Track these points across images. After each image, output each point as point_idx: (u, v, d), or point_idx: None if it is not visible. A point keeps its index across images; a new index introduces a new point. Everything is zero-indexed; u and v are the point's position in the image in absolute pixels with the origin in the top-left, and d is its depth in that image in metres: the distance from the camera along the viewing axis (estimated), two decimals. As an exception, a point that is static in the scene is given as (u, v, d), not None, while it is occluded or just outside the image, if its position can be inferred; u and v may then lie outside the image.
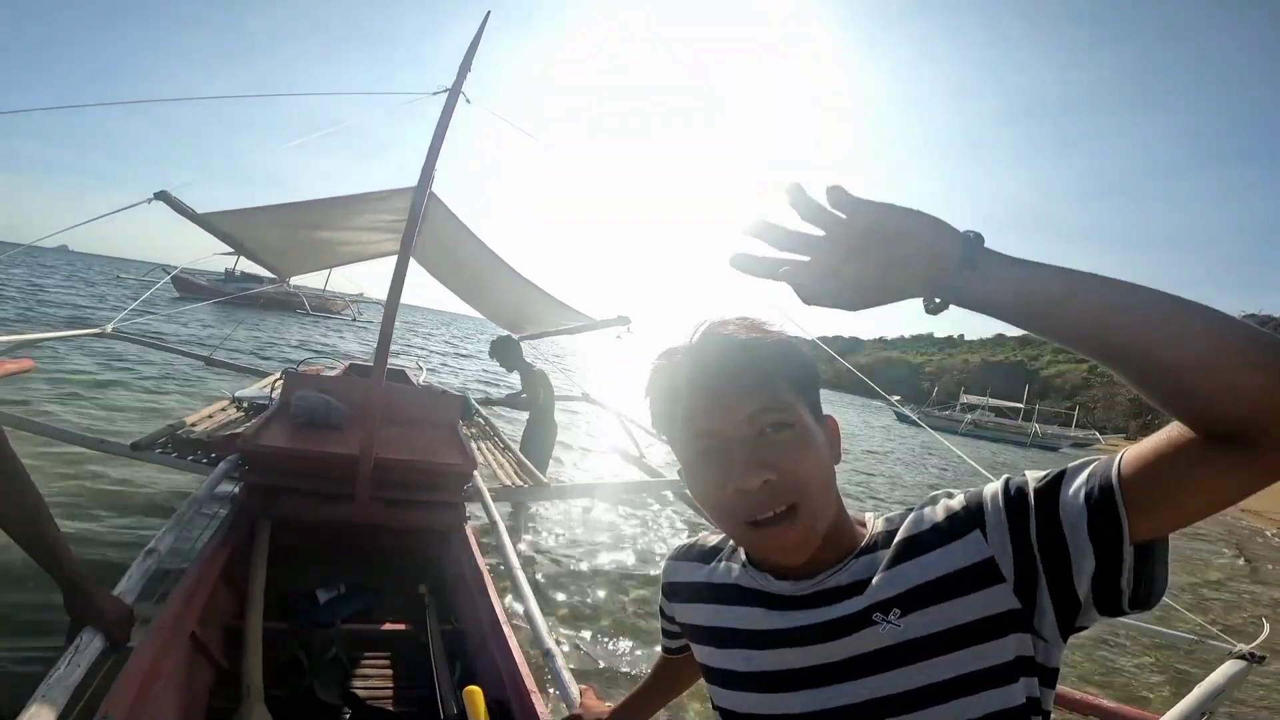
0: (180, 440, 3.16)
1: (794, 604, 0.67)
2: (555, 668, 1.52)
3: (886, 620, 0.61)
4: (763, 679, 0.68)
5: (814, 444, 0.65)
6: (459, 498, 2.82)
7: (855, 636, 0.62)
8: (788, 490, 0.62)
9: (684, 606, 0.81)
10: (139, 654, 1.41)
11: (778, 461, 0.62)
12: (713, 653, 0.74)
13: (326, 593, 2.30)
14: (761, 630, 0.69)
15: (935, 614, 0.60)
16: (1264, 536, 11.16)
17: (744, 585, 0.72)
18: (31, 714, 1.03)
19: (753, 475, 0.61)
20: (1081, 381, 67.57)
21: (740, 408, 0.63)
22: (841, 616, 0.64)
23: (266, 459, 2.55)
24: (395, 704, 1.85)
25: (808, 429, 0.65)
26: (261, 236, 3.85)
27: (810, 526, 0.63)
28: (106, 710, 1.22)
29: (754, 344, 0.65)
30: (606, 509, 5.33)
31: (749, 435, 0.63)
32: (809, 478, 0.63)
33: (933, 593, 0.61)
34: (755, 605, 0.70)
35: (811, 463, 0.63)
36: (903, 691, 0.60)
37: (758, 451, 0.63)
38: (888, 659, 0.61)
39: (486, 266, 4.23)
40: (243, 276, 24.53)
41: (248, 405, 4.22)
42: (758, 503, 0.62)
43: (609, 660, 2.97)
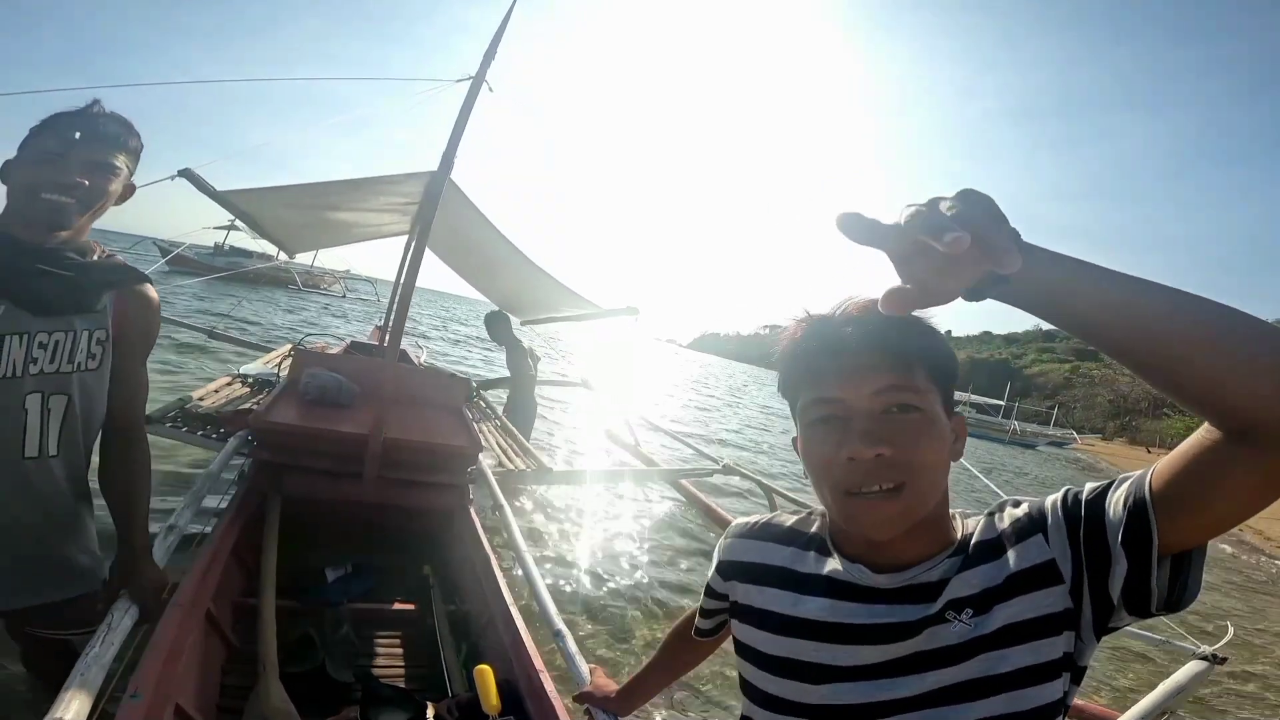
0: (189, 414, 3.20)
1: (881, 597, 0.68)
2: (566, 648, 1.56)
3: (959, 619, 0.65)
4: (827, 671, 0.69)
5: (936, 433, 0.66)
6: (464, 480, 2.85)
7: (928, 633, 0.65)
8: (898, 468, 0.63)
9: (746, 587, 0.79)
10: (161, 631, 1.43)
11: (896, 439, 0.63)
12: (772, 639, 0.74)
13: (334, 571, 2.33)
14: (843, 624, 0.69)
15: (1001, 611, 0.64)
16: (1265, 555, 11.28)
17: (829, 576, 0.72)
18: (74, 691, 1.07)
19: (869, 446, 0.63)
20: (1063, 381, 68.03)
21: (871, 381, 0.65)
22: (921, 617, 0.66)
23: (277, 436, 2.56)
24: (403, 683, 1.88)
25: (934, 417, 0.66)
26: (276, 215, 3.87)
27: (909, 508, 0.64)
28: (136, 687, 1.24)
29: (897, 323, 0.65)
30: (600, 495, 5.40)
31: (874, 408, 0.65)
32: (922, 463, 0.64)
33: (1001, 592, 0.64)
34: (842, 598, 0.70)
35: (929, 450, 0.65)
36: (959, 683, 0.64)
37: (879, 425, 0.64)
38: (955, 654, 0.64)
39: (496, 251, 4.26)
40: (232, 251, 24.39)
41: (253, 381, 4.25)
42: (866, 474, 0.63)
43: (608, 642, 3.04)
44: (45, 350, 1.21)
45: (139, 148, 1.33)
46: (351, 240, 5.54)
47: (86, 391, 1.30)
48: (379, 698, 1.60)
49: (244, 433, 2.72)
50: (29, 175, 1.20)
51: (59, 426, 1.27)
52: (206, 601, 1.73)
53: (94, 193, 1.23)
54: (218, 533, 2.06)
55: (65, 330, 1.23)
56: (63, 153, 1.20)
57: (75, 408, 1.28)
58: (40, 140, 1.21)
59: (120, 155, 1.27)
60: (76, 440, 1.31)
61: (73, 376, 1.26)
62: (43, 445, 1.25)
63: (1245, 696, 4.17)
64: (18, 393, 1.20)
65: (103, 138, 1.24)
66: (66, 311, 1.24)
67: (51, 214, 1.20)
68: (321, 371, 3.06)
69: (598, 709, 1.24)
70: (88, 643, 1.24)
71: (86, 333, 1.27)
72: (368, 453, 2.53)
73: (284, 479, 2.51)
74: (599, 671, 1.36)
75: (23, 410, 1.21)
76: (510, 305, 5.69)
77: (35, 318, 1.20)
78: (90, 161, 1.22)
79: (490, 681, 1.56)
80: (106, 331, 1.30)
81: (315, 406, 2.92)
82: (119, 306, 1.33)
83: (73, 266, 1.24)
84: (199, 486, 2.13)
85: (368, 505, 2.59)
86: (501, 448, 4.10)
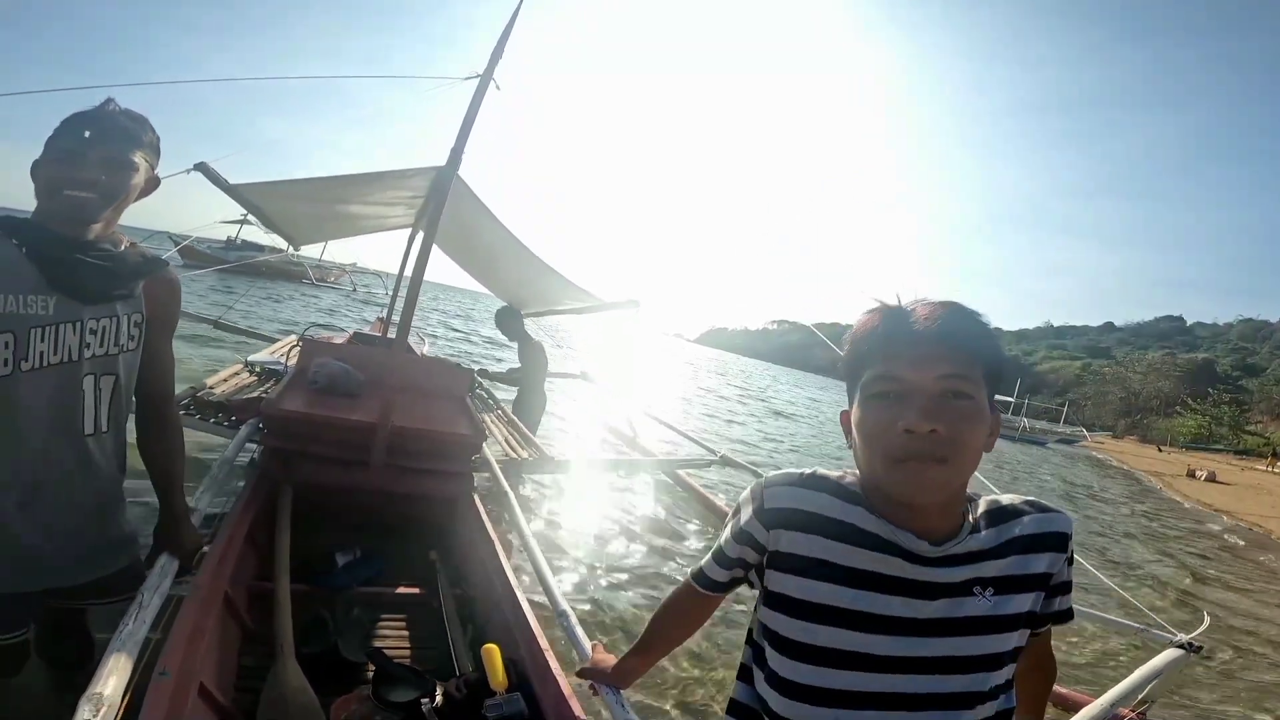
0: (201, 402, 3.26)
1: (926, 561, 0.77)
2: (570, 627, 1.62)
3: (983, 595, 0.76)
4: (868, 620, 0.77)
5: (981, 421, 0.75)
6: (468, 468, 2.91)
7: (954, 600, 0.76)
8: (946, 444, 0.72)
9: (794, 535, 0.82)
10: (184, 613, 1.48)
11: (949, 419, 0.72)
12: (822, 587, 0.79)
13: (344, 556, 2.37)
14: (895, 578, 0.77)
15: (1014, 600, 0.77)
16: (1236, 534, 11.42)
17: (875, 533, 0.79)
18: (110, 667, 1.12)
19: (926, 421, 0.72)
20: (1074, 378, 67.86)
21: (936, 366, 0.74)
22: (953, 582, 0.76)
23: (288, 424, 2.61)
24: (411, 663, 1.92)
25: (982, 408, 0.75)
26: (285, 208, 3.92)
27: (950, 479, 0.74)
28: (164, 665, 1.29)
29: (968, 320, 0.76)
30: (599, 484, 5.46)
31: (934, 390, 0.74)
32: (967, 444, 0.74)
33: (1019, 583, 0.77)
34: (888, 554, 0.78)
35: (973, 434, 0.74)
36: (970, 656, 0.76)
37: (936, 405, 0.73)
38: (973, 626, 0.76)
39: (501, 245, 4.31)
40: (244, 245, 24.70)
41: (260, 370, 4.31)
42: (917, 446, 0.72)
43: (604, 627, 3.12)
44: (95, 335, 1.32)
45: (155, 141, 1.39)
46: (357, 233, 5.59)
47: (129, 370, 1.41)
48: (390, 677, 1.66)
49: (255, 420, 2.77)
50: (51, 173, 1.27)
51: (109, 404, 1.38)
52: (224, 585, 1.78)
53: (113, 187, 1.30)
54: (232, 517, 2.11)
55: (110, 316, 1.34)
56: (79, 151, 1.26)
57: (121, 386, 1.40)
58: (59, 140, 1.28)
59: (136, 151, 1.33)
60: (121, 416, 1.43)
61: (119, 357, 1.37)
62: (97, 422, 1.37)
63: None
64: (76, 375, 1.30)
65: (116, 134, 1.30)
66: (109, 298, 1.33)
67: (75, 209, 1.27)
68: (330, 361, 3.11)
69: (600, 683, 1.30)
70: (100, 611, 1.37)
71: (126, 316, 1.37)
72: (375, 441, 2.59)
73: (294, 466, 2.57)
74: (599, 648, 1.42)
75: (80, 391, 1.32)
76: (513, 298, 5.74)
77: (84, 305, 1.29)
78: (106, 158, 1.28)
79: (498, 659, 1.63)
80: (142, 314, 1.41)
81: (324, 395, 2.97)
82: (149, 291, 1.43)
83: (109, 257, 1.33)
84: (216, 471, 2.19)
85: (375, 492, 2.65)
86: (504, 437, 4.17)
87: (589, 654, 1.43)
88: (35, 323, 1.23)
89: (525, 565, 2.63)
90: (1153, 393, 53.65)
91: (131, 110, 1.36)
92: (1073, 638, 4.24)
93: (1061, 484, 15.92)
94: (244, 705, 1.56)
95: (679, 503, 5.51)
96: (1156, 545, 9.06)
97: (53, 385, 1.27)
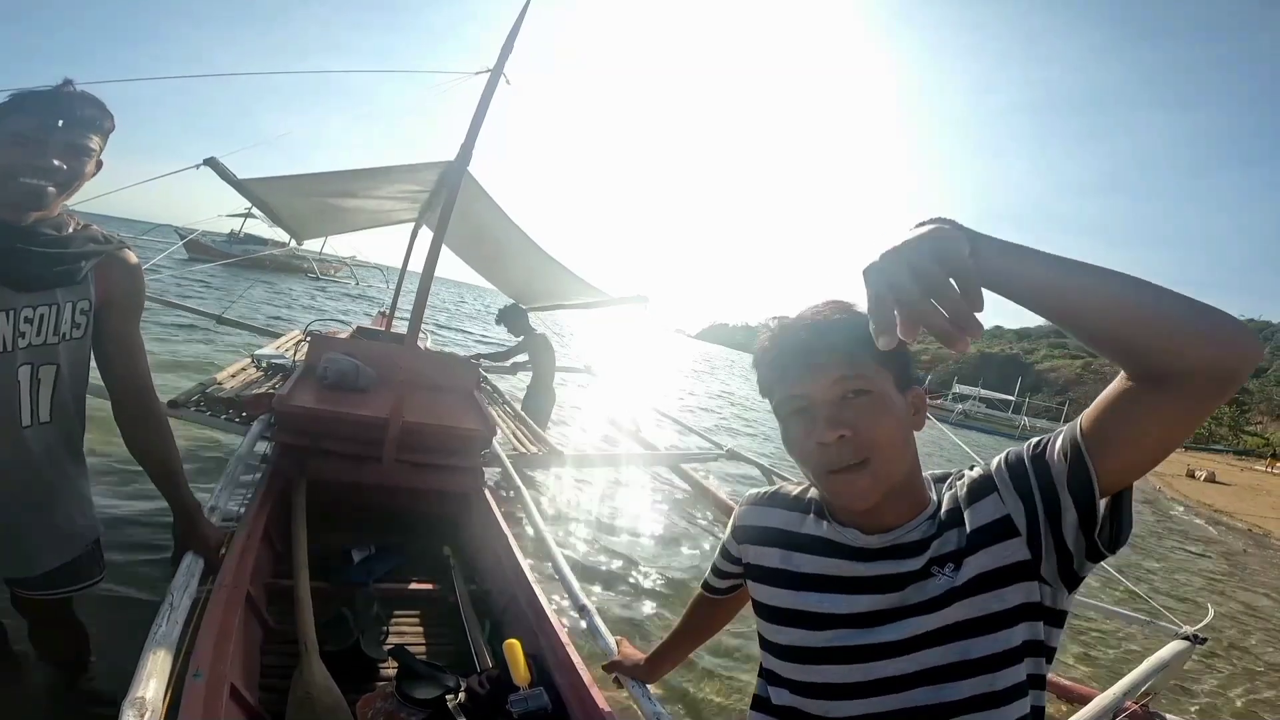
0: (211, 398, 3.26)
1: (871, 556, 0.79)
2: (592, 621, 1.62)
3: (943, 572, 0.74)
4: (828, 619, 0.79)
5: (891, 410, 0.75)
6: (478, 462, 2.91)
7: (915, 587, 0.75)
8: (860, 446, 0.73)
9: (758, 549, 0.90)
10: (211, 612, 1.47)
11: (854, 421, 0.73)
12: (781, 593, 0.85)
13: (359, 552, 2.37)
14: (839, 577, 0.80)
15: (972, 563, 0.73)
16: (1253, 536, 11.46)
17: (826, 538, 0.83)
18: (149, 669, 1.11)
19: (830, 431, 0.73)
20: (1074, 377, 67.87)
21: (826, 373, 0.75)
22: (909, 570, 0.76)
23: (299, 420, 2.61)
24: (430, 659, 1.94)
25: (883, 396, 0.75)
26: (291, 202, 3.91)
27: (877, 479, 0.74)
28: (197, 666, 1.28)
29: (840, 322, 0.77)
30: (605, 479, 5.47)
31: (833, 398, 0.75)
32: (881, 438, 0.74)
33: (967, 549, 0.73)
34: (837, 556, 0.81)
35: (885, 425, 0.74)
36: (940, 629, 0.73)
37: (838, 412, 0.74)
38: (936, 604, 0.74)
39: (508, 240, 4.30)
40: (247, 239, 24.80)
41: (267, 365, 4.30)
42: (834, 455, 0.74)
43: (614, 623, 3.12)
44: (32, 324, 1.27)
45: (112, 128, 1.35)
46: (361, 227, 5.59)
47: (73, 359, 1.36)
48: (414, 673, 1.66)
49: (267, 416, 2.77)
50: (4, 158, 1.21)
51: (50, 395, 1.33)
52: (246, 583, 1.77)
53: (71, 175, 1.26)
54: (249, 515, 2.11)
55: (49, 304, 1.28)
56: (41, 138, 1.22)
57: (64, 376, 1.34)
58: (15, 122, 1.22)
59: (95, 137, 1.30)
60: (67, 406, 1.38)
61: (59, 347, 1.32)
62: (35, 413, 1.32)
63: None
64: (10, 366, 1.25)
65: (80, 121, 1.27)
66: (48, 285, 1.28)
67: (28, 197, 1.22)
68: (339, 356, 3.10)
69: (626, 677, 1.31)
70: (79, 596, 1.37)
71: (70, 304, 1.32)
72: (387, 436, 2.58)
73: (307, 462, 2.56)
74: (625, 642, 1.43)
75: (16, 382, 1.27)
76: (520, 293, 5.74)
77: (19, 294, 1.24)
78: (69, 145, 1.25)
79: (520, 654, 1.63)
80: (90, 301, 1.35)
81: (333, 390, 2.97)
82: (101, 275, 1.37)
83: (51, 242, 1.27)
84: (231, 467, 2.19)
85: (387, 488, 2.65)
86: (512, 432, 4.17)
87: (613, 648, 1.44)
88: None
89: (540, 559, 2.64)
90: (1155, 392, 53.48)
91: (90, 94, 1.32)
92: (1077, 631, 4.26)
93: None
94: (268, 704, 1.55)
95: (685, 497, 5.51)
96: (1155, 543, 9.07)
97: None
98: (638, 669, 1.29)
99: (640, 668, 1.29)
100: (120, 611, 2.05)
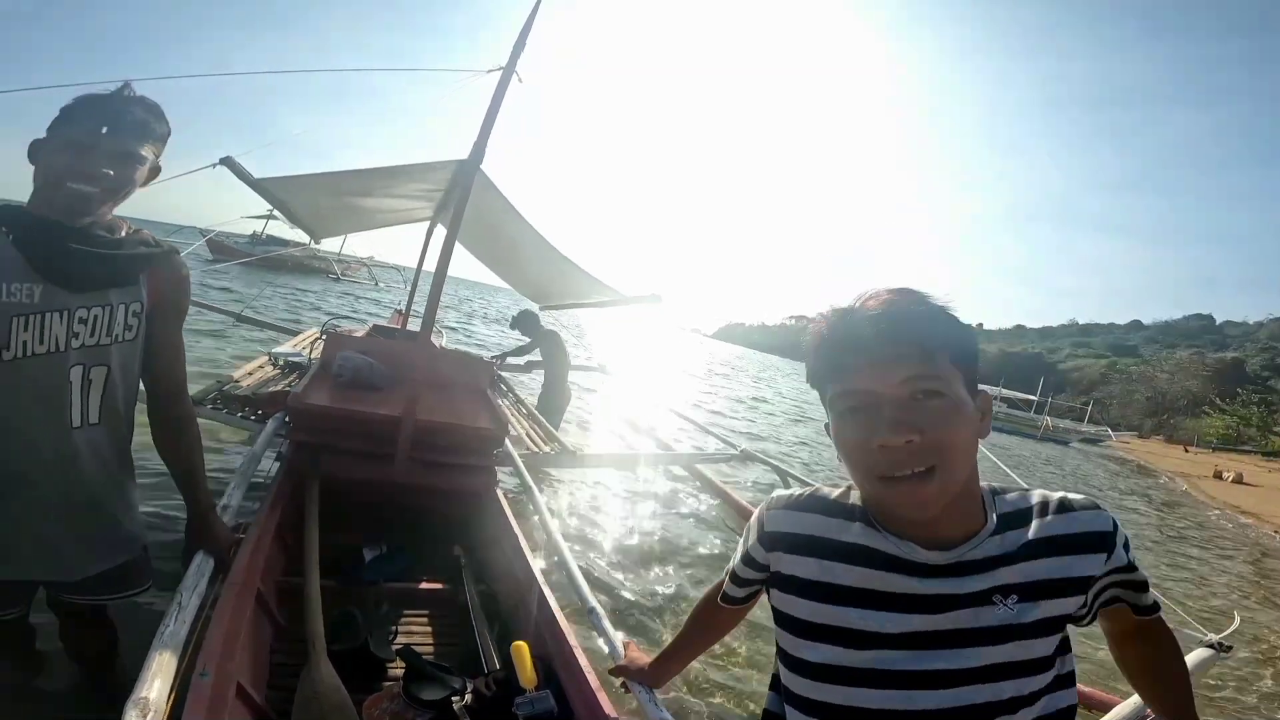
0: (228, 396, 3.29)
1: (931, 572, 0.72)
2: (600, 624, 1.60)
3: (1004, 603, 0.70)
4: (873, 638, 0.73)
5: (963, 414, 0.69)
6: (491, 461, 2.91)
7: (973, 611, 0.70)
8: (929, 452, 0.67)
9: (792, 558, 0.81)
10: (220, 611, 1.47)
11: (924, 425, 0.67)
12: (817, 607, 0.77)
13: (371, 551, 2.38)
14: (888, 593, 0.73)
15: (1043, 606, 0.70)
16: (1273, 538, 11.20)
17: (875, 548, 0.75)
18: (154, 669, 1.11)
19: (899, 434, 0.66)
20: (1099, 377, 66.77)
21: (896, 370, 0.68)
22: (969, 592, 0.71)
23: (313, 418, 2.62)
24: (438, 660, 1.93)
25: (959, 400, 0.69)
26: (308, 201, 3.94)
27: (943, 488, 0.68)
28: (204, 665, 1.28)
29: (915, 313, 0.70)
30: (619, 479, 5.45)
31: (901, 397, 0.68)
32: (951, 444, 0.67)
33: (1049, 589, 0.71)
34: (890, 570, 0.73)
35: (956, 431, 0.68)
36: (994, 664, 0.70)
37: (906, 413, 0.67)
38: (994, 635, 0.70)
39: (521, 238, 4.30)
40: (269, 240, 25.25)
41: (283, 363, 4.34)
42: (898, 459, 0.67)
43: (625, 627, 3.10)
44: (85, 325, 1.27)
45: (167, 133, 1.35)
46: (376, 225, 5.63)
47: (124, 362, 1.36)
48: (421, 674, 1.66)
49: (281, 414, 2.78)
50: (56, 162, 1.22)
51: (100, 396, 1.33)
52: (256, 582, 1.78)
53: (119, 182, 1.26)
54: (262, 512, 2.12)
55: (103, 305, 1.29)
56: (90, 143, 1.22)
57: (115, 377, 1.34)
58: (68, 128, 1.23)
59: (147, 143, 1.29)
60: (117, 408, 1.38)
61: (111, 348, 1.32)
62: (85, 415, 1.31)
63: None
64: (63, 366, 1.25)
65: (130, 126, 1.26)
66: (102, 286, 1.28)
67: (76, 201, 1.22)
68: (354, 354, 3.12)
69: (632, 681, 1.29)
70: (121, 610, 1.35)
71: (123, 306, 1.32)
72: (400, 434, 2.58)
73: (320, 460, 2.56)
74: (632, 646, 1.41)
75: (68, 382, 1.27)
76: (533, 292, 5.76)
77: (73, 294, 1.25)
78: (117, 152, 1.24)
79: (527, 657, 1.61)
80: (141, 304, 1.35)
81: (348, 388, 2.98)
82: (152, 279, 1.37)
83: (105, 244, 1.27)
84: (244, 466, 2.20)
85: (400, 486, 2.65)
86: (526, 431, 4.17)
87: (620, 652, 1.42)
88: (17, 311, 1.19)
89: (551, 560, 2.63)
90: (1180, 392, 52.50)
91: (147, 99, 1.31)
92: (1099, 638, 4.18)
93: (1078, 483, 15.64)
94: (276, 703, 1.55)
95: (699, 497, 5.48)
96: (1180, 547, 8.88)
97: (37, 375, 1.23)
98: (643, 673, 1.27)
99: (646, 672, 1.27)
100: (137, 611, 2.07)
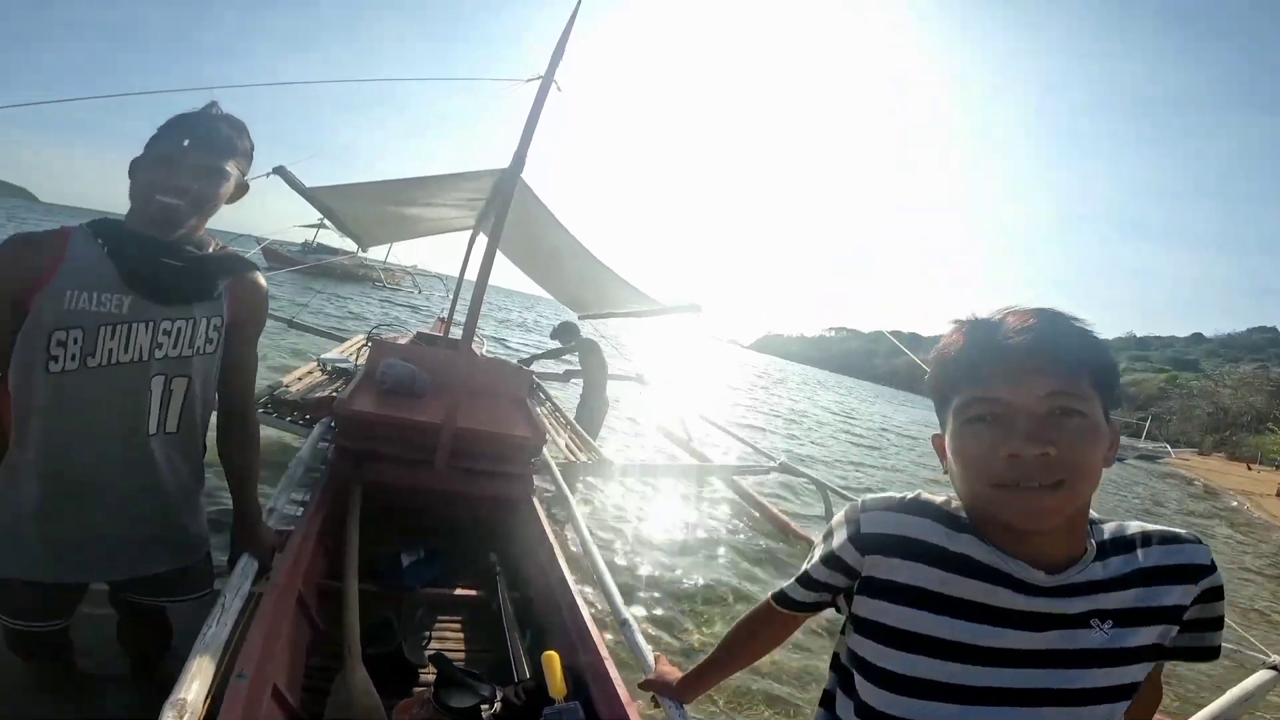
0: (278, 400, 3.39)
1: (1040, 592, 0.72)
2: (632, 636, 1.58)
3: (1101, 628, 0.70)
4: (971, 651, 0.72)
5: (1098, 438, 0.69)
6: (528, 469, 2.92)
7: (1068, 633, 0.71)
8: (1061, 467, 0.67)
9: (896, 562, 0.78)
10: (261, 614, 1.49)
11: (1061, 440, 0.67)
12: (914, 614, 0.75)
13: (409, 556, 2.41)
14: (991, 607, 0.72)
15: (1138, 633, 0.71)
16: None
17: (984, 561, 0.74)
18: (193, 671, 1.13)
19: (1034, 445, 0.66)
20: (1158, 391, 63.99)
21: (1039, 384, 0.68)
22: (1070, 613, 0.71)
23: (358, 423, 2.67)
24: (470, 666, 1.94)
25: (1097, 423, 0.69)
26: (355, 210, 4.06)
27: (1067, 503, 0.68)
28: (241, 667, 1.29)
29: (1065, 330, 0.70)
30: (655, 490, 5.43)
31: (1039, 411, 0.68)
32: (1085, 464, 0.68)
33: (1144, 616, 0.71)
34: (998, 584, 0.73)
35: (1090, 453, 0.68)
36: (1085, 689, 0.70)
37: (1044, 427, 0.67)
38: (1086, 659, 0.70)
39: (561, 247, 4.34)
40: (320, 248, 26.32)
41: (331, 368, 4.47)
42: (1026, 471, 0.67)
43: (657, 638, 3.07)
44: (169, 336, 1.32)
45: (250, 149, 1.41)
46: (420, 234, 5.76)
47: (204, 373, 1.41)
48: (451, 680, 1.66)
49: (328, 419, 2.85)
50: (147, 177, 1.30)
51: (180, 406, 1.38)
52: (297, 585, 1.80)
53: (203, 195, 1.32)
54: (306, 516, 2.16)
55: (186, 318, 1.34)
56: (175, 158, 1.28)
57: (195, 389, 1.39)
58: (158, 145, 1.30)
59: (230, 159, 1.35)
60: (195, 419, 1.43)
61: (193, 360, 1.37)
62: (164, 423, 1.37)
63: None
64: (144, 375, 1.31)
65: (215, 142, 1.32)
66: (187, 300, 1.34)
67: (164, 213, 1.29)
68: (398, 362, 3.18)
69: (662, 696, 1.27)
70: (178, 609, 1.40)
71: (205, 319, 1.37)
72: (440, 441, 2.62)
73: (363, 465, 2.62)
74: (663, 659, 1.39)
75: (148, 391, 1.32)
76: (573, 300, 5.80)
77: (160, 306, 1.30)
78: (200, 167, 1.30)
79: (557, 667, 1.61)
80: (222, 318, 1.40)
81: (391, 395, 3.04)
82: (233, 294, 1.43)
83: (191, 259, 1.34)
84: (292, 470, 2.25)
85: (439, 492, 2.68)
86: (564, 441, 4.19)
87: (651, 665, 1.40)
88: (106, 320, 1.24)
89: (585, 570, 2.62)
90: (1243, 408, 49.84)
91: (232, 116, 1.38)
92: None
93: (1153, 506, 14.96)
94: (309, 706, 1.57)
95: (735, 509, 5.41)
96: (1241, 565, 8.40)
97: (119, 383, 1.28)
98: (674, 688, 1.25)
99: (677, 687, 1.24)
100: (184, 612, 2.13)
